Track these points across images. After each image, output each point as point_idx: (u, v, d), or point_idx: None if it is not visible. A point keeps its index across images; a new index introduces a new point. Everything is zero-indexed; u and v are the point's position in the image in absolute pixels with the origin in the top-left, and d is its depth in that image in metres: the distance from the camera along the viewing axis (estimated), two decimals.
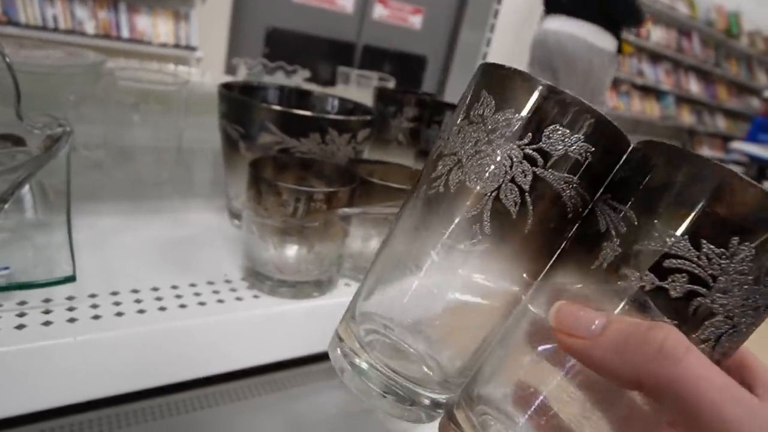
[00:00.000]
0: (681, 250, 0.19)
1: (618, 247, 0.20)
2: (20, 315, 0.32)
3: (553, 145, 0.21)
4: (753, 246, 0.18)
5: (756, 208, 0.18)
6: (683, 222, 0.19)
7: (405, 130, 0.54)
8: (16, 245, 0.40)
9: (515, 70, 0.22)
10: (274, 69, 0.71)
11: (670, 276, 0.19)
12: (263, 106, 0.43)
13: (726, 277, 0.19)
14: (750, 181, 0.19)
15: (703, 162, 0.20)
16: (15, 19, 2.41)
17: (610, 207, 0.21)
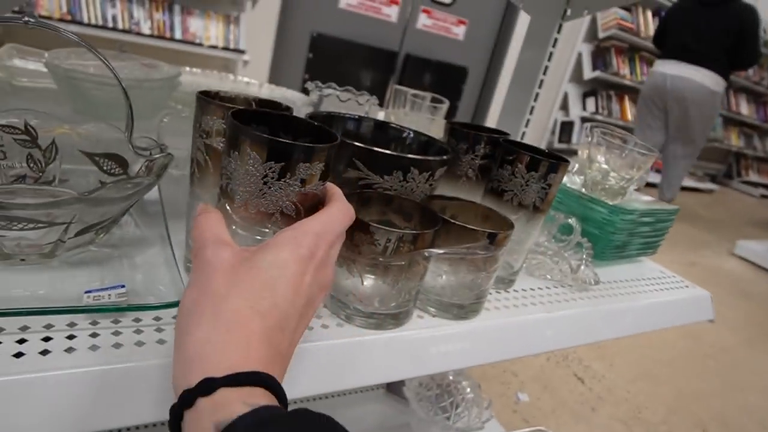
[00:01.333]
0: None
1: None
2: (137, 332, 0.36)
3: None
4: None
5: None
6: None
7: (475, 167, 0.57)
8: (123, 261, 0.44)
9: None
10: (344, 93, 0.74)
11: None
12: (354, 144, 0.46)
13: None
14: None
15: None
16: (78, 18, 2.51)
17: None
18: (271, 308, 0.29)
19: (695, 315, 0.70)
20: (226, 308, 0.29)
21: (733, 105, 5.75)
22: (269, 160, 0.33)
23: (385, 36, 3.84)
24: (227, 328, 0.28)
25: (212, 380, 0.26)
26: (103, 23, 2.58)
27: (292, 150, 0.33)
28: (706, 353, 2.15)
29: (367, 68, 3.86)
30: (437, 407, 0.95)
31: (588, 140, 0.75)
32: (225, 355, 0.27)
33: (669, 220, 0.74)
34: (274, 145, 0.33)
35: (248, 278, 0.30)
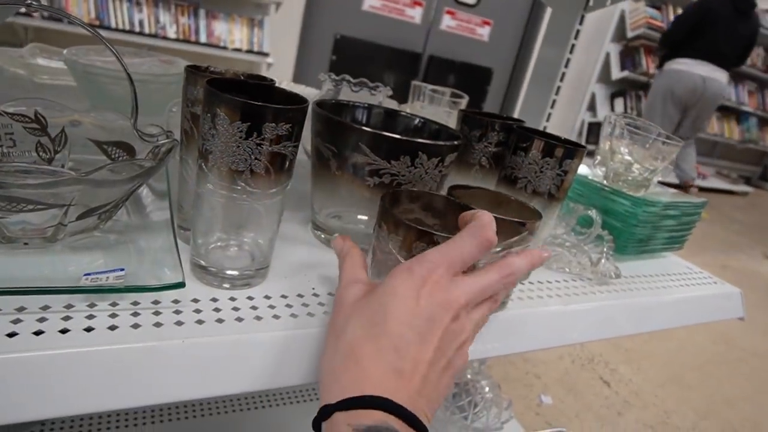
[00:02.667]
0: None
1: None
2: (135, 314, 0.35)
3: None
4: None
5: None
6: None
7: (489, 155, 0.55)
8: (126, 247, 0.43)
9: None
10: (357, 84, 0.73)
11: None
12: (358, 128, 0.45)
13: None
14: None
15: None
16: (106, 23, 2.57)
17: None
18: (382, 331, 0.32)
19: (724, 312, 0.67)
20: (343, 339, 0.33)
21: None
22: (237, 121, 0.35)
23: (408, 37, 3.84)
24: (342, 357, 0.32)
25: (327, 407, 0.30)
26: (130, 28, 2.63)
27: (257, 110, 0.35)
28: (738, 357, 2.08)
29: (391, 70, 3.86)
30: (455, 406, 0.93)
31: (610, 131, 0.72)
32: (339, 382, 0.31)
33: (696, 213, 0.71)
34: (240, 105, 0.35)
35: (364, 308, 0.33)
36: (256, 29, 3.18)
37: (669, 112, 3.49)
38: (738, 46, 3.43)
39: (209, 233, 0.41)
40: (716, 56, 3.37)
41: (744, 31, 3.40)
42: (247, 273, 0.42)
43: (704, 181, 5.29)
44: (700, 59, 3.37)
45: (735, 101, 5.27)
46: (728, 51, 3.39)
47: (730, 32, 3.34)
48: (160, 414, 0.91)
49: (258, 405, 0.99)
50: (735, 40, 3.38)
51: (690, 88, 3.41)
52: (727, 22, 3.33)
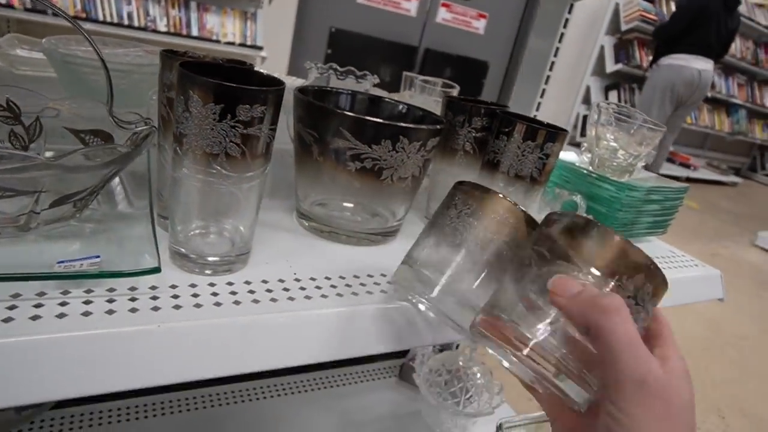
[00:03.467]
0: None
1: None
2: (110, 301, 0.35)
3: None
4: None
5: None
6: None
7: (473, 140, 0.55)
8: (103, 235, 0.43)
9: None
10: (344, 73, 0.72)
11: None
12: (338, 112, 0.44)
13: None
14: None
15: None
16: (93, 15, 2.54)
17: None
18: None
19: (705, 293, 0.67)
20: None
21: (757, 98, 5.61)
22: (209, 102, 0.34)
23: (404, 30, 3.82)
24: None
25: None
26: (118, 21, 2.60)
27: (230, 92, 0.34)
28: (726, 342, 2.11)
29: (387, 63, 3.84)
30: (447, 393, 0.93)
31: (596, 118, 0.72)
32: None
33: (678, 198, 0.71)
34: (212, 87, 0.34)
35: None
36: (249, 22, 3.15)
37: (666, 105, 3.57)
38: (724, 40, 3.59)
39: (187, 219, 0.40)
40: (708, 50, 3.50)
41: (731, 25, 3.57)
42: (228, 258, 0.41)
43: (695, 172, 5.32)
44: (696, 54, 3.49)
45: (725, 93, 5.29)
46: (716, 44, 3.54)
47: (719, 27, 3.49)
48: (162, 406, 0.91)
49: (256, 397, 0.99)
50: (723, 34, 3.54)
51: (688, 82, 3.52)
52: (718, 17, 3.46)
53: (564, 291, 0.30)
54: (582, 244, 0.32)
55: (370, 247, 0.52)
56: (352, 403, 1.03)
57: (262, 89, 0.35)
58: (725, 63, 5.08)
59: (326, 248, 0.50)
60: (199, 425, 0.90)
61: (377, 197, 0.49)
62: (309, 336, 0.39)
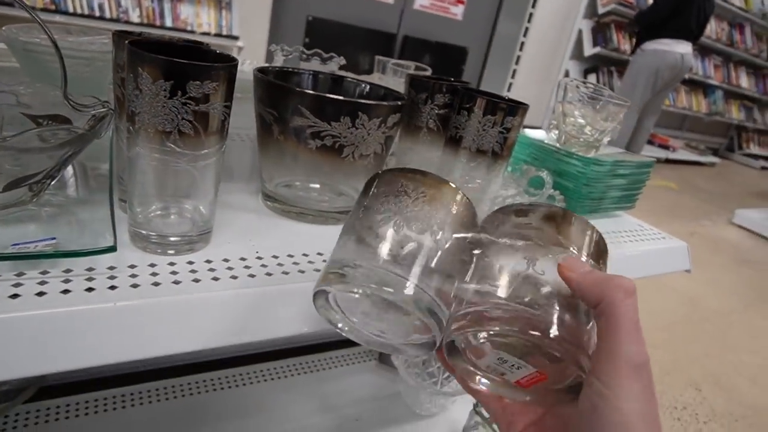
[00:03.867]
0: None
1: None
2: (66, 281, 0.34)
3: None
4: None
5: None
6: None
7: (435, 117, 0.55)
8: (62, 219, 0.43)
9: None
10: (310, 56, 0.72)
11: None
12: (296, 90, 0.44)
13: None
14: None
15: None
16: (63, 7, 2.49)
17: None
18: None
19: (672, 265, 0.68)
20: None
21: (734, 78, 5.68)
22: (159, 79, 0.34)
23: (382, 18, 3.80)
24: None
25: None
26: (90, 12, 2.56)
27: (179, 68, 0.34)
28: (703, 317, 2.16)
29: (366, 51, 3.82)
30: (425, 373, 0.94)
31: (563, 95, 0.73)
32: None
33: (645, 172, 0.73)
34: (161, 63, 0.34)
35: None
36: (224, 11, 3.12)
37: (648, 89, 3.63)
38: (702, 23, 3.64)
39: (145, 198, 0.40)
40: (689, 34, 3.56)
41: (708, 10, 3.63)
42: (189, 237, 0.41)
43: (674, 153, 5.38)
44: (679, 38, 3.54)
45: (702, 75, 5.34)
46: (695, 28, 3.59)
47: (699, 11, 3.54)
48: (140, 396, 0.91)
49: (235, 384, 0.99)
50: (701, 18, 3.59)
51: (671, 66, 3.57)
52: (699, 2, 3.52)
53: (576, 268, 0.30)
54: (568, 232, 0.33)
55: (337, 226, 0.52)
56: (333, 387, 1.04)
57: (213, 65, 0.35)
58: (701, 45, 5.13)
59: (291, 227, 0.50)
60: (178, 414, 0.90)
61: (340, 175, 0.49)
62: (271, 312, 0.39)
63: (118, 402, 0.89)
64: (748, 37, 5.50)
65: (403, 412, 0.98)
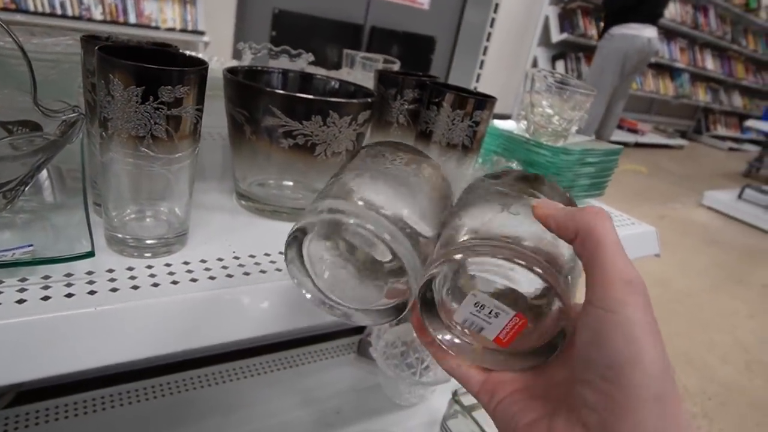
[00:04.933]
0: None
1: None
2: (45, 288, 0.35)
3: None
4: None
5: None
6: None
7: (405, 112, 0.56)
8: (37, 225, 0.43)
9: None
10: (278, 53, 0.73)
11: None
12: (266, 90, 0.45)
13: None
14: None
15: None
16: (23, 6, 2.43)
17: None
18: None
19: (642, 250, 0.71)
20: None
21: (699, 61, 5.80)
22: (131, 85, 0.34)
23: (349, 9, 3.78)
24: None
25: None
26: (51, 11, 2.50)
27: (150, 73, 0.34)
28: (674, 298, 2.21)
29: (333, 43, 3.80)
30: (404, 364, 0.96)
31: (530, 86, 0.74)
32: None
33: (613, 159, 0.75)
34: (132, 69, 0.34)
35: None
36: (188, 6, 3.07)
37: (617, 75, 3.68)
38: (665, 6, 3.74)
39: (120, 203, 0.40)
40: (655, 18, 3.63)
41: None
42: (165, 240, 0.42)
43: (643, 137, 5.48)
44: (645, 22, 3.58)
45: (668, 58, 5.44)
46: (661, 11, 3.69)
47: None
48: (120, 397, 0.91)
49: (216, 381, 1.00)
50: (663, 2, 3.70)
51: (639, 50, 3.61)
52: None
53: (550, 206, 0.30)
54: (541, 189, 0.35)
55: None
56: (313, 381, 1.05)
57: (184, 69, 0.35)
58: (667, 28, 5.22)
59: (266, 226, 0.51)
60: (160, 413, 0.90)
61: (314, 173, 0.50)
62: (249, 311, 0.40)
63: (98, 404, 0.88)
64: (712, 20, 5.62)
65: (383, 403, 1.00)
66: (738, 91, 6.56)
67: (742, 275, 2.61)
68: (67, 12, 2.55)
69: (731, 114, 6.75)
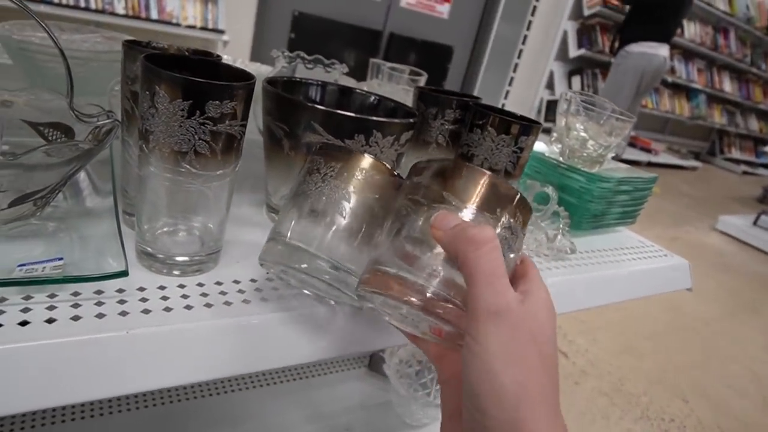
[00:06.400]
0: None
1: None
2: (75, 306, 0.33)
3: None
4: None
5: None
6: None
7: (445, 132, 0.54)
8: (66, 235, 0.41)
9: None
10: (312, 62, 0.71)
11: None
12: (310, 106, 0.43)
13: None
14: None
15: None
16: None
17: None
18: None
19: (674, 284, 0.69)
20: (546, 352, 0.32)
21: (717, 82, 5.76)
22: (177, 98, 0.32)
23: (368, 15, 3.78)
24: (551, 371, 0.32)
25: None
26: (75, 3, 2.50)
27: (199, 87, 0.33)
28: (688, 326, 2.17)
29: (351, 48, 3.80)
30: (418, 384, 0.94)
31: (566, 108, 0.73)
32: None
33: (647, 188, 0.73)
34: (179, 82, 0.32)
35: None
36: (210, 5, 3.07)
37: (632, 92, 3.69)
38: (679, 26, 3.86)
39: (154, 218, 0.39)
40: (670, 37, 3.64)
41: (686, 10, 3.75)
42: (198, 258, 0.40)
43: (656, 156, 5.45)
44: (662, 41, 3.59)
45: (685, 79, 5.41)
46: (675, 31, 3.74)
47: (680, 16, 3.68)
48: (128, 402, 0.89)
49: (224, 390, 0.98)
50: (679, 22, 3.78)
51: (656, 69, 3.63)
52: (683, 6, 3.62)
53: (442, 224, 0.31)
54: (455, 185, 0.33)
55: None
56: (322, 395, 1.03)
57: (233, 84, 0.34)
58: (685, 48, 5.20)
59: None
60: (167, 420, 0.89)
61: None
62: (284, 339, 0.38)
63: (105, 408, 0.87)
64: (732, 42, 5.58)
65: (394, 422, 0.97)
66: (755, 114, 6.52)
67: (756, 304, 2.57)
68: (90, 5, 2.55)
69: (747, 137, 6.70)
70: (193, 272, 0.40)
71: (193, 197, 0.37)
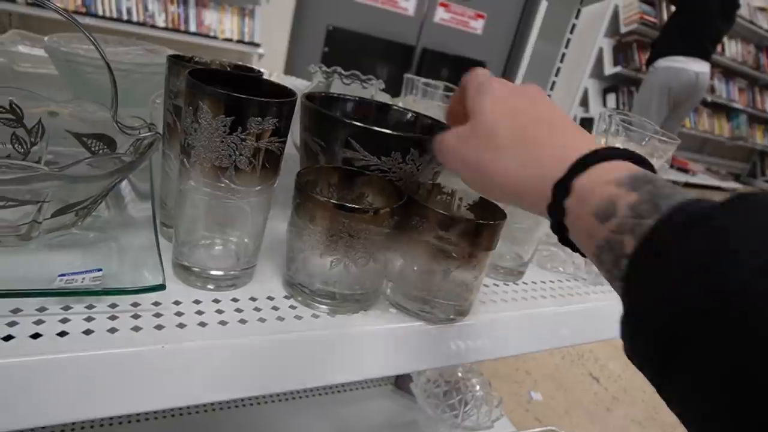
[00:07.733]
0: None
1: None
2: (112, 318, 0.33)
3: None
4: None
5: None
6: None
7: None
8: (105, 245, 0.42)
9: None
10: (349, 77, 0.71)
11: None
12: (348, 122, 0.43)
13: None
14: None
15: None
16: (93, 10, 2.51)
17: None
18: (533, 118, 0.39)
19: None
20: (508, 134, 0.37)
21: (758, 102, 5.61)
22: (220, 114, 0.33)
23: (401, 30, 3.80)
24: (531, 139, 0.36)
25: (562, 182, 0.31)
26: (117, 16, 2.58)
27: (242, 104, 0.33)
28: None
29: (384, 62, 3.82)
30: (445, 404, 0.92)
31: (605, 128, 0.71)
32: (545, 159, 0.33)
33: None
34: (223, 98, 0.33)
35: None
36: (247, 19, 3.13)
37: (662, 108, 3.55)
38: (717, 42, 3.66)
39: (192, 232, 0.39)
40: (705, 53, 3.51)
41: (726, 27, 3.62)
42: (233, 273, 0.40)
43: (694, 177, 5.32)
44: (693, 56, 3.45)
45: (725, 98, 5.28)
46: (711, 47, 3.57)
47: (715, 31, 3.53)
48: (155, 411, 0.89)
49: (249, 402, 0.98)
50: (716, 37, 3.61)
51: (685, 85, 3.50)
52: (714, 21, 3.48)
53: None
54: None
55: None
56: (347, 411, 1.02)
57: (276, 101, 0.34)
58: (726, 67, 5.08)
59: None
60: (192, 430, 0.89)
61: None
62: (317, 357, 0.38)
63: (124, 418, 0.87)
64: None
65: None
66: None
67: None
68: (132, 18, 2.63)
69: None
70: (228, 287, 0.40)
71: (231, 212, 0.37)
